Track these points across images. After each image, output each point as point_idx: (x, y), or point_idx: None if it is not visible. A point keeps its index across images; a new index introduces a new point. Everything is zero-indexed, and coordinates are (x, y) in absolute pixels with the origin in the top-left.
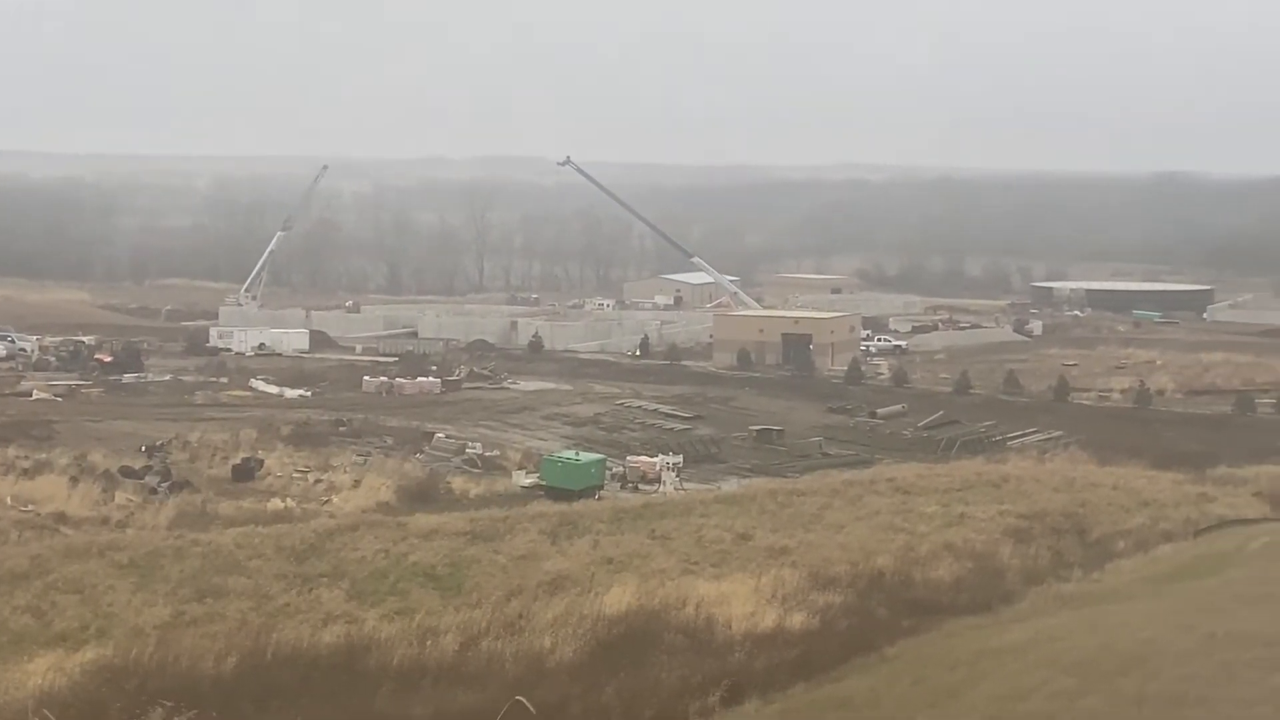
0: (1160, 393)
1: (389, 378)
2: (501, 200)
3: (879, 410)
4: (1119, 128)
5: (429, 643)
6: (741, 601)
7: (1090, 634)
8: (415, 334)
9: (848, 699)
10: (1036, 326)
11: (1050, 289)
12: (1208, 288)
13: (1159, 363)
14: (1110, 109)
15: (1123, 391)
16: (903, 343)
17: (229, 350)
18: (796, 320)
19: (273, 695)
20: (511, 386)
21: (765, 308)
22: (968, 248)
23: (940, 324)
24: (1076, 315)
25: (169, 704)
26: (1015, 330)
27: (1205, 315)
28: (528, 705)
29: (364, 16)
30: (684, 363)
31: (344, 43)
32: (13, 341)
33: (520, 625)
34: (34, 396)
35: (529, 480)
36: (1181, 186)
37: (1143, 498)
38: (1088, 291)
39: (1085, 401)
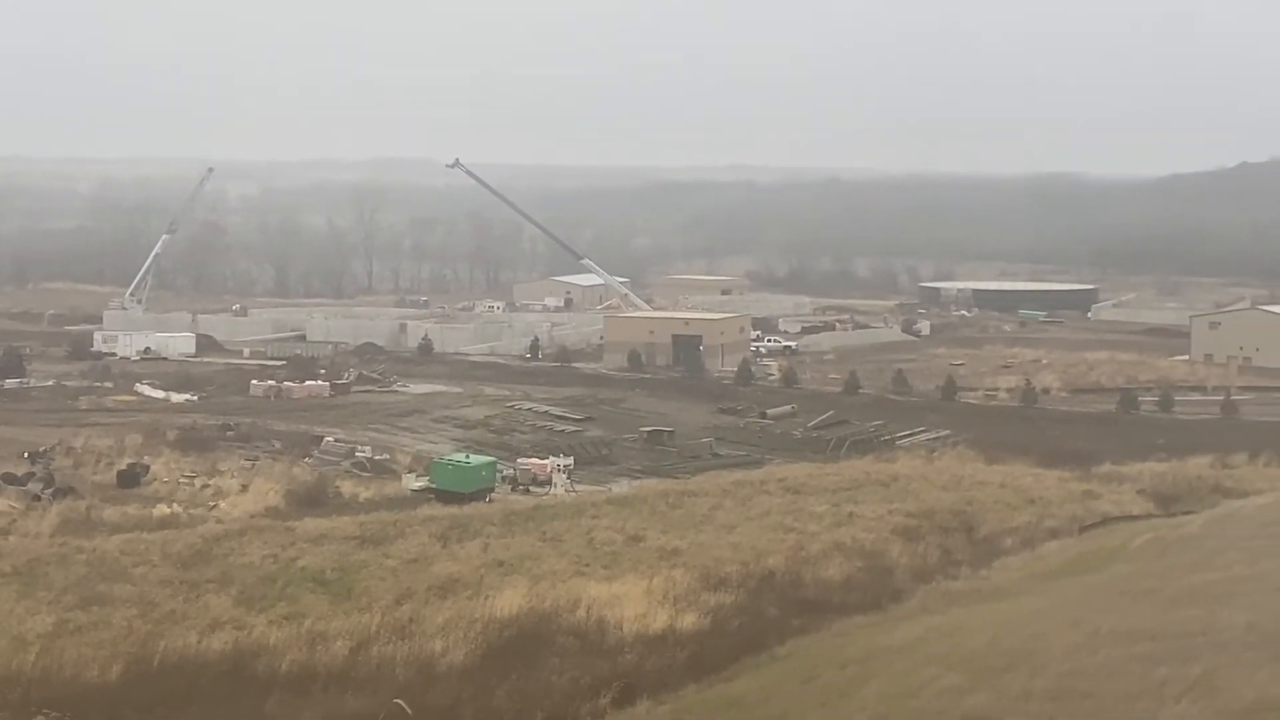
0: (1046, 391)
1: (277, 381)
2: (390, 202)
3: (769, 411)
4: (1005, 130)
5: (318, 648)
6: (633, 603)
7: (978, 631)
8: (303, 337)
9: (739, 699)
10: (924, 326)
11: (938, 289)
12: (1092, 287)
13: (1045, 362)
14: (996, 111)
15: (1009, 390)
16: (793, 343)
17: (114, 355)
18: (687, 321)
19: (160, 703)
20: (401, 389)
21: (656, 309)
22: (856, 248)
23: (840, 324)
24: (964, 315)
25: (54, 714)
26: (904, 330)
27: (1089, 314)
28: (405, 709)
29: (251, 17)
30: (575, 364)
31: (231, 44)
32: None
33: (411, 629)
34: None
35: (419, 483)
36: (1066, 188)
37: (1029, 495)
38: (975, 291)
39: (972, 400)
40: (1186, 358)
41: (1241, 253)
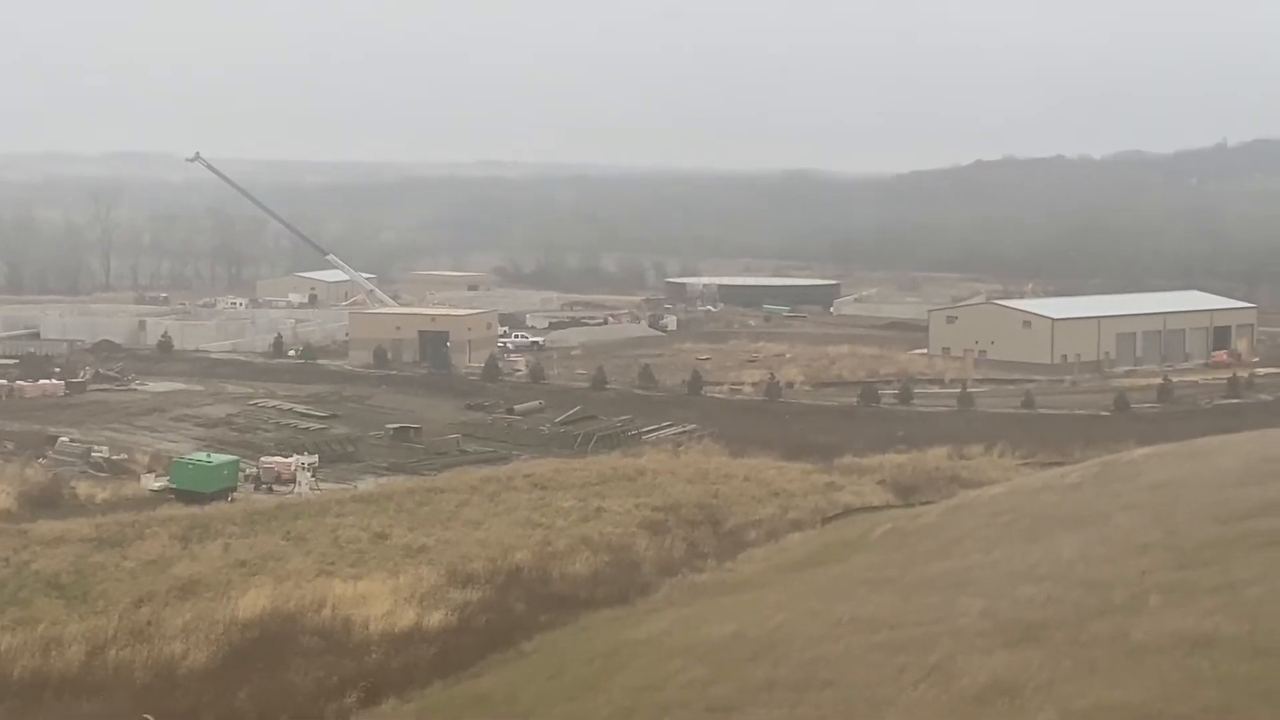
0: (789, 385)
1: (9, 380)
2: (129, 197)
3: (516, 406)
4: (749, 127)
5: (53, 653)
6: (379, 601)
7: (723, 623)
8: (38, 335)
9: (486, 695)
10: (671, 321)
11: (684, 284)
12: (834, 282)
13: (788, 356)
14: (740, 109)
15: (754, 384)
16: (540, 339)
17: None
18: (434, 318)
19: None
20: (140, 388)
21: (402, 305)
22: (604, 244)
23: (610, 318)
24: (709, 310)
25: None
26: (650, 325)
27: (832, 309)
28: None
29: None
30: (319, 361)
31: None
32: None
33: (150, 632)
34: None
35: (159, 483)
36: (809, 185)
37: (773, 488)
38: (720, 286)
39: (718, 395)
40: (925, 351)
41: (977, 248)
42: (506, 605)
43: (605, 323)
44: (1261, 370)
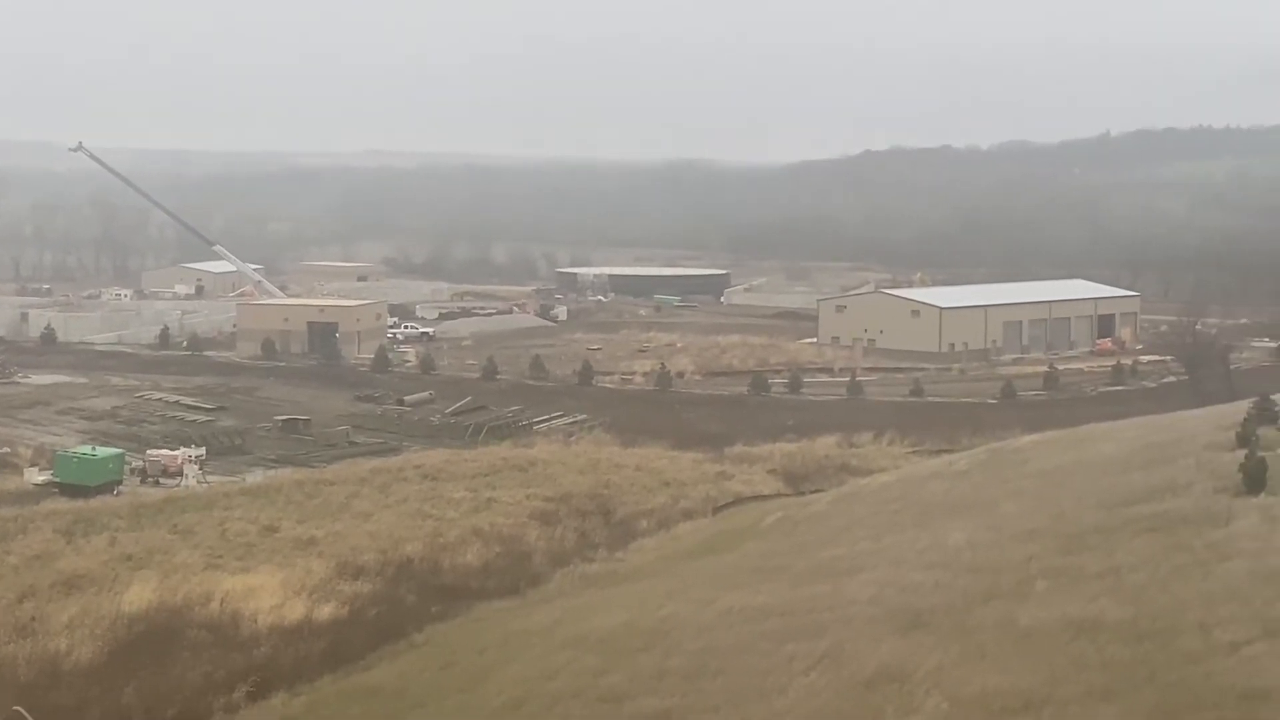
0: (680, 375)
1: None
2: (9, 187)
3: (407, 397)
4: (639, 117)
5: None
6: (268, 594)
7: (614, 612)
8: None
9: (377, 688)
10: (562, 311)
11: (575, 274)
12: (724, 272)
13: (679, 346)
14: (630, 99)
15: (645, 374)
16: (430, 330)
17: None
18: (322, 309)
19: None
20: (22, 380)
21: (290, 296)
22: (494, 234)
23: (515, 308)
24: (600, 300)
25: None
26: (541, 315)
27: (722, 299)
28: (25, 715)
29: None
30: (206, 353)
31: None
32: None
33: (33, 628)
34: None
35: (42, 477)
36: (699, 174)
37: (664, 478)
38: (611, 277)
39: (609, 385)
40: (814, 340)
41: (865, 237)
42: (397, 597)
43: (511, 312)
44: (1145, 358)
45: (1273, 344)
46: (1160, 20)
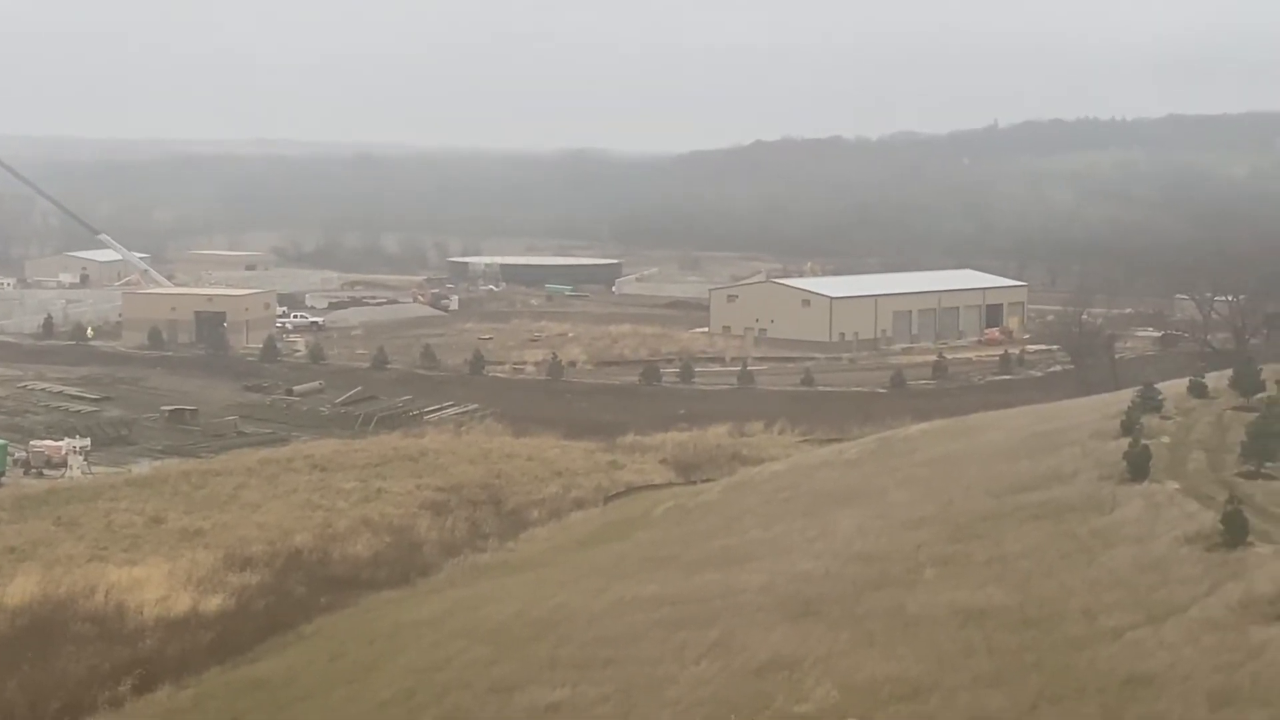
0: (572, 364)
1: None
2: None
3: (296, 387)
4: (531, 107)
5: None
6: (154, 586)
7: (505, 602)
8: None
9: (264, 680)
10: (453, 301)
11: (466, 264)
12: (616, 261)
13: (571, 335)
14: (522, 88)
15: (536, 364)
16: (320, 319)
17: None
18: (210, 298)
19: None
20: None
21: (177, 285)
22: (385, 224)
23: (419, 296)
24: (491, 290)
25: None
26: (432, 305)
27: (614, 288)
28: None
29: None
30: (92, 342)
31: None
32: None
33: None
34: None
35: None
36: (590, 164)
37: (556, 467)
38: (502, 266)
39: (500, 374)
40: (706, 330)
41: (757, 227)
42: (286, 588)
43: (416, 300)
44: (1032, 347)
45: (1156, 334)
46: (1046, 12)
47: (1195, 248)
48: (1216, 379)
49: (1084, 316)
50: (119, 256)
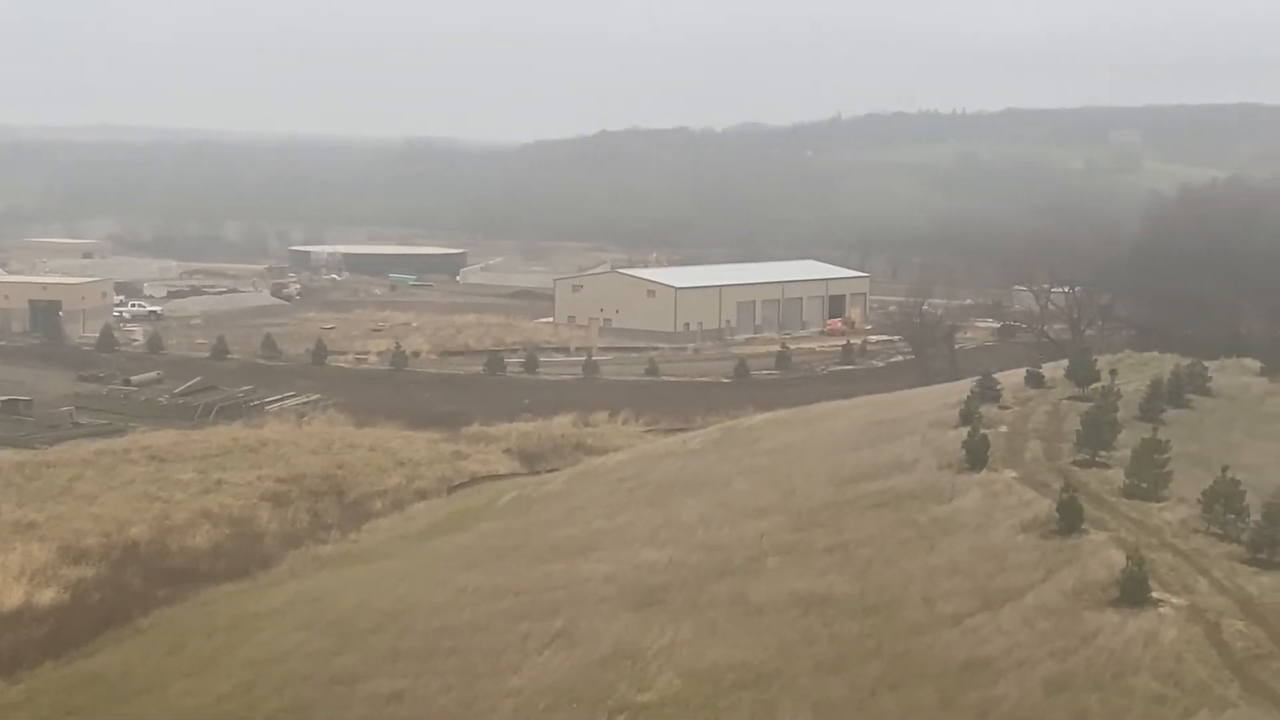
0: (416, 354)
1: None
2: None
3: (133, 377)
4: (374, 94)
5: None
6: None
7: (347, 593)
8: None
9: (100, 674)
10: (295, 290)
11: (308, 253)
12: (461, 251)
13: (414, 325)
14: (365, 76)
15: (380, 354)
16: (158, 308)
17: None
18: (45, 286)
19: None
20: None
21: (10, 274)
22: (226, 212)
23: (279, 284)
24: (334, 279)
25: None
26: (273, 294)
27: (459, 278)
28: None
29: None
30: None
31: None
32: None
33: None
34: None
35: None
36: (434, 153)
37: (399, 458)
38: (345, 255)
39: (343, 364)
40: (551, 320)
41: (602, 217)
42: (122, 581)
43: (268, 290)
44: (873, 337)
45: (995, 324)
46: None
47: (1033, 239)
48: (1053, 369)
49: (924, 307)
50: None
